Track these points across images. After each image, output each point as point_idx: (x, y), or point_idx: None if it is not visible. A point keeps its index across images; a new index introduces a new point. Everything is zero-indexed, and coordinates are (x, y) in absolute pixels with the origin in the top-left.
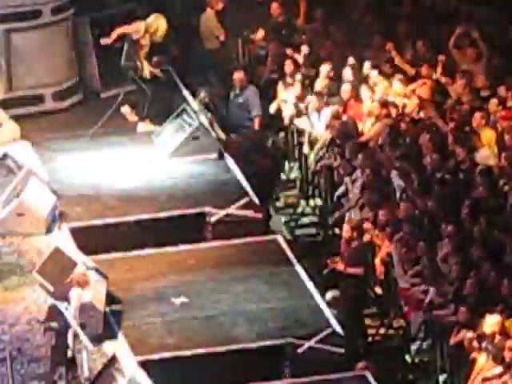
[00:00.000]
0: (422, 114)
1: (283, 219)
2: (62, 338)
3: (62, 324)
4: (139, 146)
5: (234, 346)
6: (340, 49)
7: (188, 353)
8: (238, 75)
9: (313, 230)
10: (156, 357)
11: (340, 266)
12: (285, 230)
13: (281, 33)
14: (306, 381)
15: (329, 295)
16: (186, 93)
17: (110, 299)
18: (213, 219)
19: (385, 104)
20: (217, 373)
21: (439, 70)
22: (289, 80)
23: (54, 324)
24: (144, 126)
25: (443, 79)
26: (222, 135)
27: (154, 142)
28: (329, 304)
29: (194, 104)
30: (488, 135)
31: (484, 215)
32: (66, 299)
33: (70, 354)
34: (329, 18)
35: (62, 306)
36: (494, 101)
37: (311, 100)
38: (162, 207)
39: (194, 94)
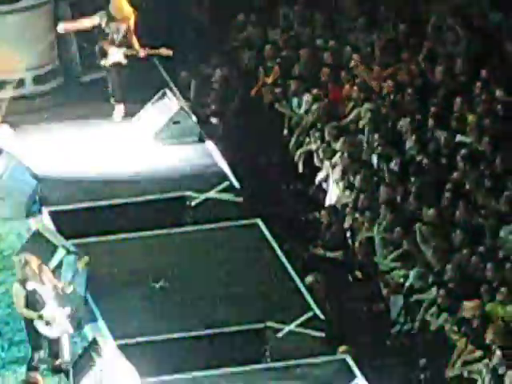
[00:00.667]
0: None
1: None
2: None
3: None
4: (120, 129)
5: (214, 330)
6: (321, 32)
7: (167, 336)
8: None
9: (293, 214)
10: (135, 340)
11: (320, 250)
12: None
13: (262, 16)
14: (286, 364)
15: (309, 279)
16: (165, 76)
17: (90, 283)
18: (193, 203)
19: (365, 88)
20: (196, 357)
21: (421, 55)
22: (269, 64)
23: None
24: (118, 113)
25: (423, 64)
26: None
27: (134, 125)
28: (309, 287)
29: (174, 88)
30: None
31: (464, 199)
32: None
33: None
34: (311, 0)
35: (41, 289)
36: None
37: (291, 84)
38: (142, 191)
39: (175, 77)
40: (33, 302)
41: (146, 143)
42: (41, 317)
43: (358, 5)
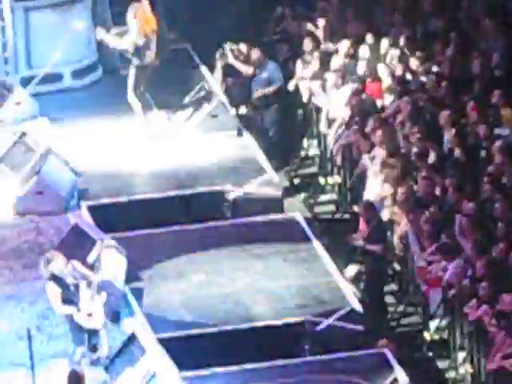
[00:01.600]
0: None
1: (302, 196)
2: None
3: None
4: (158, 122)
5: (253, 324)
6: (359, 26)
7: (206, 331)
8: (255, 54)
9: (332, 208)
10: (174, 334)
11: (359, 243)
12: (303, 208)
13: (299, 10)
14: (325, 358)
15: (348, 272)
16: (204, 70)
17: (129, 277)
18: (231, 197)
19: (403, 81)
20: (236, 350)
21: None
22: (307, 57)
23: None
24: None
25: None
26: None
27: (172, 119)
28: (348, 281)
29: (213, 81)
30: (507, 113)
31: (502, 192)
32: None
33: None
34: None
35: (73, 283)
36: None
37: (330, 77)
38: (181, 185)
39: (213, 71)
40: (68, 297)
41: (184, 137)
42: (79, 310)
43: None
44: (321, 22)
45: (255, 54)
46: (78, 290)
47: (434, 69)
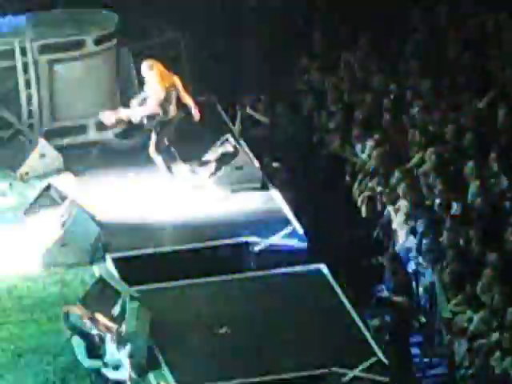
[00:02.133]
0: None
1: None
2: None
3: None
4: (181, 174)
5: (277, 376)
6: (382, 77)
7: (230, 383)
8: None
9: (357, 259)
10: None
11: (385, 295)
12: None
13: (324, 61)
14: None
15: (374, 323)
16: (228, 121)
17: (154, 330)
18: (256, 249)
19: (428, 132)
20: None
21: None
22: (332, 108)
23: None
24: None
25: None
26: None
27: (196, 171)
28: (373, 332)
29: (237, 132)
30: None
31: None
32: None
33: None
34: (372, 44)
35: (97, 336)
36: None
37: (354, 129)
38: (205, 237)
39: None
40: (94, 350)
41: (208, 189)
42: (105, 364)
43: (418, 50)
44: (345, 73)
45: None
46: (103, 343)
47: (460, 120)
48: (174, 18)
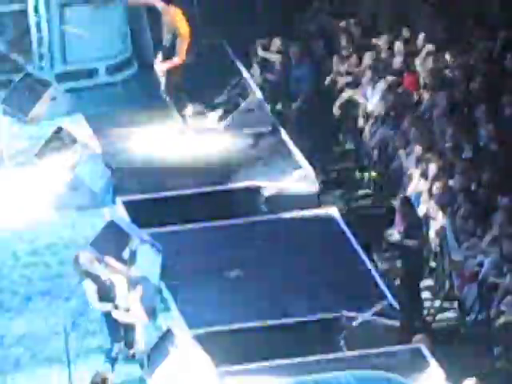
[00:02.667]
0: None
1: (338, 192)
2: None
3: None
4: (193, 118)
5: (288, 320)
6: (393, 21)
7: (242, 326)
8: (294, 49)
9: (368, 203)
10: (210, 330)
11: (395, 238)
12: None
13: (333, 5)
14: (361, 353)
15: (384, 267)
16: (240, 65)
17: (164, 273)
18: (267, 193)
19: (440, 75)
20: (271, 346)
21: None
22: (344, 52)
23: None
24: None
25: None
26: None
27: (207, 114)
28: (384, 276)
29: (249, 76)
30: None
31: None
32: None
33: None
34: None
35: (108, 279)
36: None
37: (366, 72)
38: (216, 181)
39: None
40: (105, 293)
41: (219, 132)
42: (116, 307)
43: None
44: (356, 17)
45: (294, 49)
46: (113, 286)
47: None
48: None
